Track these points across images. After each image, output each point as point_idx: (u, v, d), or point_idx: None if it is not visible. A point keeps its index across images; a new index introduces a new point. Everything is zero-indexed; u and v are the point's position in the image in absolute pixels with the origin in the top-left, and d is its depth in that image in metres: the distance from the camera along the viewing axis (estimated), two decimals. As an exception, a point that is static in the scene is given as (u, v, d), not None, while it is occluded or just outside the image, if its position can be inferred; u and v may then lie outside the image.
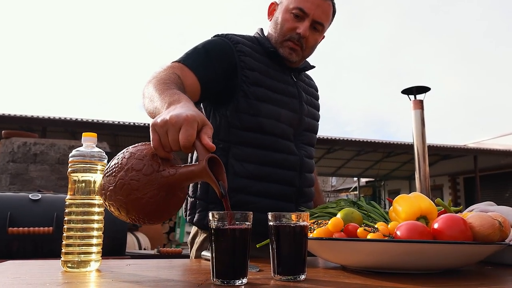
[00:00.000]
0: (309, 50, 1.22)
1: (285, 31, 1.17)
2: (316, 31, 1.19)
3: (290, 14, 1.16)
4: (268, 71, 1.17)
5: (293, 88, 1.22)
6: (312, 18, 1.15)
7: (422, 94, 4.83)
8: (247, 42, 1.19)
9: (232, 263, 0.60)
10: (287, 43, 1.18)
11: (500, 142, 13.68)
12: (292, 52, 1.18)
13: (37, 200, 2.26)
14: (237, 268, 0.60)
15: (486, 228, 0.66)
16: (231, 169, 1.07)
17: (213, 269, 0.61)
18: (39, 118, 8.59)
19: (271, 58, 1.20)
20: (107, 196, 0.68)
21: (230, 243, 0.60)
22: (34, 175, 5.36)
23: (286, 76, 1.22)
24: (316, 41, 1.22)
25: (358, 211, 0.80)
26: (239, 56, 1.13)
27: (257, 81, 1.13)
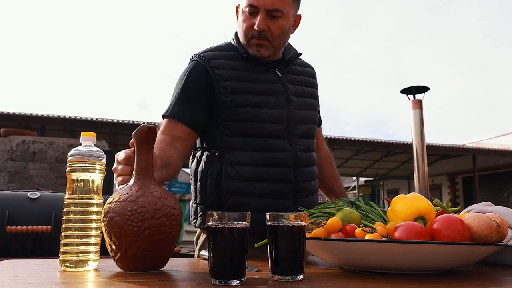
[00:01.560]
0: (278, 39, 1.19)
1: (245, 31, 1.18)
2: (276, 18, 1.15)
3: (245, 13, 1.17)
4: (247, 76, 1.19)
5: (277, 84, 1.22)
6: (264, 8, 1.13)
7: (421, 94, 4.85)
8: (220, 54, 1.22)
9: (230, 263, 0.60)
10: (251, 41, 1.18)
11: (499, 142, 13.70)
12: (260, 48, 1.17)
13: (35, 199, 2.25)
14: (234, 268, 0.60)
15: (484, 229, 0.66)
16: (224, 173, 1.12)
17: (211, 269, 0.61)
18: (38, 116, 8.58)
19: (249, 60, 1.21)
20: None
21: (227, 243, 0.60)
22: (33, 173, 5.35)
23: (269, 74, 1.23)
24: (281, 28, 1.18)
25: (356, 211, 0.81)
26: (213, 71, 1.17)
27: (234, 89, 1.16)
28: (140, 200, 0.71)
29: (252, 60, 1.21)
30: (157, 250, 0.72)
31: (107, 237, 0.71)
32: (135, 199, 0.72)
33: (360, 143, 11.29)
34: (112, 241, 0.72)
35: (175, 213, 0.73)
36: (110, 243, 0.72)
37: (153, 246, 0.70)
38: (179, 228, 0.74)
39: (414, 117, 4.55)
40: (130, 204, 0.71)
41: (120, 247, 0.70)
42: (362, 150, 12.35)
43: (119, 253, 0.71)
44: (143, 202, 0.71)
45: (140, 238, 0.69)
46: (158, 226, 0.70)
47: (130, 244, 0.69)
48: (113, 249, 0.71)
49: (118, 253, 0.71)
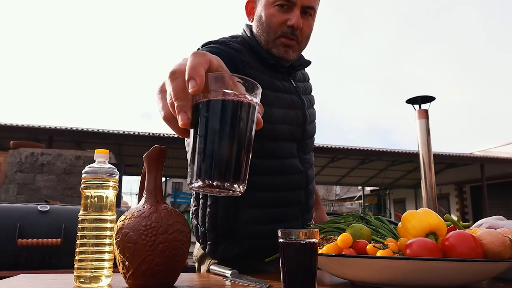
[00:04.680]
0: (305, 41, 1.08)
1: (274, 27, 1.03)
2: (309, 16, 1.05)
3: (274, 7, 1.02)
4: (273, 84, 1.05)
5: (296, 97, 1.10)
6: (300, 4, 1.02)
7: (427, 103, 4.85)
8: (244, 49, 1.05)
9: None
10: (279, 40, 1.04)
11: (507, 150, 13.57)
12: (288, 49, 1.05)
13: (45, 212, 2.28)
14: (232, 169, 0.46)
15: (497, 245, 0.66)
16: (241, 201, 1.00)
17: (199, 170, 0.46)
18: (45, 128, 8.68)
19: (267, 64, 1.06)
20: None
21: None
22: (41, 185, 5.41)
23: (287, 83, 1.10)
24: (311, 29, 1.07)
25: (366, 226, 0.81)
26: (243, 68, 1.00)
27: (264, 99, 0.99)
28: (154, 216, 0.73)
29: (273, 66, 1.07)
30: (169, 266, 0.72)
31: (120, 254, 0.72)
32: (149, 215, 0.73)
33: (365, 152, 11.25)
34: (125, 257, 0.73)
35: (186, 230, 0.74)
36: (122, 260, 0.73)
37: (166, 261, 0.71)
38: (188, 245, 0.75)
39: (420, 127, 4.56)
40: (144, 219, 0.72)
41: (133, 263, 0.71)
42: (367, 159, 12.30)
43: (131, 269, 0.72)
44: (156, 217, 0.73)
45: (153, 253, 0.70)
46: (171, 241, 0.71)
47: (143, 258, 0.70)
48: (126, 265, 0.72)
49: (130, 270, 0.72)
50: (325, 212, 1.40)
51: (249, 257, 1.03)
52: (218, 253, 1.05)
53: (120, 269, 0.75)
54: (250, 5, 1.12)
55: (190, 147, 0.46)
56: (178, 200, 13.85)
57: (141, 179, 0.81)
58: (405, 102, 4.79)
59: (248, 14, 1.14)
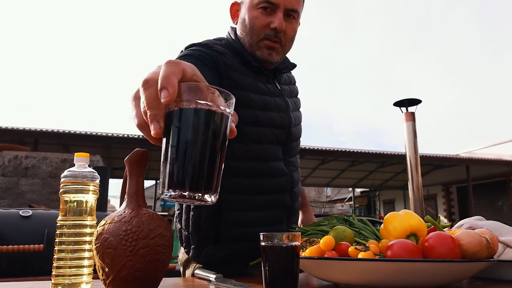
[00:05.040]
0: (289, 43, 1.08)
1: (258, 29, 1.03)
2: (292, 19, 1.05)
3: (258, 9, 1.03)
4: (257, 87, 1.05)
5: (280, 99, 1.10)
6: (283, 7, 1.02)
7: (413, 106, 4.93)
8: (229, 52, 1.04)
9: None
10: (263, 42, 1.04)
11: (492, 151, 13.85)
12: (272, 51, 1.04)
13: (27, 217, 2.23)
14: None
15: (474, 246, 0.67)
16: (224, 204, 1.00)
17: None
18: (31, 131, 8.54)
19: (251, 66, 1.06)
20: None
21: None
22: (25, 189, 5.30)
23: (271, 85, 1.10)
24: (294, 31, 1.07)
25: (349, 228, 0.81)
26: (226, 71, 1.00)
27: (248, 102, 1.01)
28: (135, 221, 0.72)
29: (257, 69, 1.07)
30: (150, 271, 0.71)
31: (99, 260, 0.71)
32: (129, 219, 0.72)
33: (355, 154, 11.35)
34: (104, 263, 0.71)
35: (168, 234, 0.73)
36: (102, 266, 0.71)
37: (147, 267, 0.70)
38: (170, 250, 0.74)
39: (407, 129, 4.63)
40: (124, 224, 0.71)
41: (113, 269, 0.70)
42: (357, 161, 12.41)
43: (112, 275, 0.71)
44: (137, 222, 0.72)
45: (134, 258, 0.69)
46: (152, 246, 0.70)
47: (123, 264, 0.69)
48: (106, 271, 0.71)
49: (111, 276, 0.71)
50: (316, 213, 1.40)
51: (234, 261, 1.03)
52: (201, 256, 1.04)
53: (100, 276, 0.73)
54: (234, 7, 1.13)
55: (162, 156, 0.46)
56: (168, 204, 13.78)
57: (123, 183, 0.80)
58: (392, 105, 4.86)
59: (233, 16, 1.14)
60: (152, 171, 11.00)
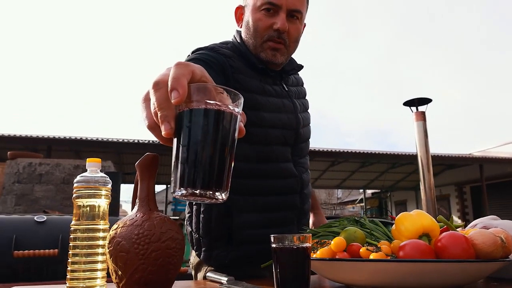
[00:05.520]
0: (294, 44, 1.08)
1: (261, 31, 1.04)
2: (296, 19, 1.05)
3: (261, 11, 1.03)
4: (264, 88, 1.05)
5: (287, 101, 1.11)
6: (286, 8, 1.02)
7: (424, 105, 4.88)
8: (235, 55, 1.05)
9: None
10: (267, 44, 1.05)
11: (506, 150, 13.58)
12: (276, 52, 1.05)
13: (42, 222, 2.27)
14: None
15: (488, 245, 0.66)
16: (234, 206, 1.00)
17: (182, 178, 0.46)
18: (44, 138, 8.68)
19: (257, 69, 1.07)
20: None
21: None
22: (40, 196, 5.39)
23: (278, 87, 1.10)
24: (298, 32, 1.08)
25: (360, 229, 0.81)
26: (233, 74, 1.01)
27: (253, 104, 1.02)
28: (146, 224, 0.72)
29: (263, 71, 1.07)
30: (162, 274, 0.72)
31: (112, 263, 0.72)
32: (141, 223, 0.73)
33: (365, 155, 11.26)
34: (118, 267, 0.72)
35: (179, 237, 0.74)
36: (115, 269, 0.72)
37: (159, 270, 0.71)
38: (182, 253, 0.75)
39: (417, 129, 4.57)
40: (136, 228, 0.72)
41: (126, 272, 0.71)
42: (367, 162, 12.30)
43: (124, 278, 0.71)
44: (149, 226, 0.72)
45: (146, 261, 0.70)
46: (164, 249, 0.71)
47: (136, 267, 0.70)
48: (119, 275, 0.72)
49: (124, 279, 0.71)
50: (327, 216, 1.40)
51: (245, 263, 1.03)
52: (212, 259, 1.05)
53: (113, 279, 0.74)
54: (239, 11, 1.14)
55: (173, 156, 0.47)
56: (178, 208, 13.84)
57: (134, 187, 0.81)
58: (402, 104, 4.81)
59: (238, 20, 1.15)
60: (163, 176, 11.06)
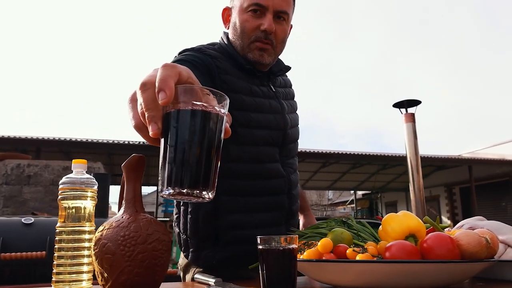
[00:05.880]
0: (281, 45, 1.09)
1: (248, 32, 1.05)
2: (282, 21, 1.06)
3: (248, 12, 1.04)
4: (251, 89, 1.06)
5: (275, 101, 1.11)
6: (273, 9, 1.03)
7: (413, 107, 4.93)
8: (221, 56, 1.06)
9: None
10: (254, 45, 1.05)
11: (494, 151, 13.79)
12: (263, 52, 1.06)
13: (30, 224, 2.23)
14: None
15: (473, 246, 0.66)
16: (221, 206, 1.01)
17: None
18: (33, 139, 8.57)
19: (244, 69, 1.07)
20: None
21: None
22: (28, 197, 5.31)
23: (265, 88, 1.11)
24: (285, 33, 1.09)
25: (348, 230, 0.81)
26: (219, 75, 1.01)
27: (240, 104, 1.02)
28: (133, 226, 0.72)
29: (250, 71, 1.08)
30: (149, 276, 0.71)
31: (98, 265, 0.71)
32: (127, 225, 0.72)
33: (356, 156, 11.33)
34: (103, 268, 0.71)
35: (166, 239, 0.73)
36: (101, 271, 0.72)
37: (145, 271, 0.70)
38: (169, 254, 0.74)
39: (407, 131, 4.62)
40: (122, 229, 0.71)
41: (112, 274, 0.70)
42: (358, 163, 12.38)
43: (110, 280, 0.71)
44: (135, 227, 0.72)
45: (133, 263, 0.69)
46: (150, 250, 0.71)
47: (122, 269, 0.69)
48: (105, 277, 0.71)
49: (110, 281, 0.71)
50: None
51: (234, 264, 1.03)
52: (200, 260, 1.04)
53: (99, 281, 0.73)
54: (226, 12, 1.15)
55: (160, 157, 0.47)
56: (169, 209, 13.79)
57: (120, 189, 0.80)
58: (392, 106, 4.86)
59: (225, 21, 1.16)
60: (153, 177, 11.00)
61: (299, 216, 1.30)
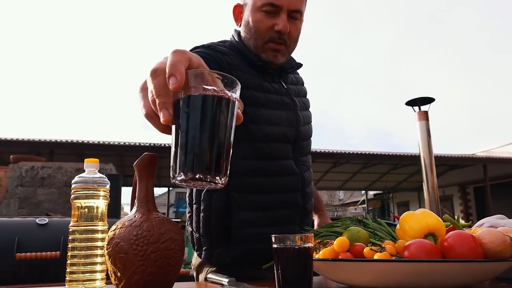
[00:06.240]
0: (294, 44, 1.09)
1: (262, 32, 1.04)
2: (295, 19, 1.05)
3: (261, 12, 1.03)
4: (261, 85, 1.05)
5: (287, 98, 1.10)
6: (287, 8, 1.02)
7: (426, 105, 4.85)
8: (232, 52, 1.06)
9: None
10: (268, 45, 1.05)
11: (510, 150, 13.49)
12: (277, 53, 1.05)
13: (44, 225, 2.26)
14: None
15: (497, 245, 0.64)
16: (234, 204, 1.00)
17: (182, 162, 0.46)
18: (46, 142, 8.71)
19: (260, 68, 1.07)
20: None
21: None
22: (42, 199, 5.40)
23: (277, 85, 1.10)
24: (299, 31, 1.08)
25: (364, 229, 0.79)
26: (230, 70, 1.00)
27: (251, 100, 1.01)
28: (145, 225, 0.71)
29: (262, 68, 1.08)
30: (162, 275, 0.71)
31: (111, 264, 0.71)
32: (140, 224, 0.71)
33: (367, 156, 11.22)
34: (116, 268, 0.71)
35: (179, 238, 0.73)
36: (114, 271, 0.71)
37: (158, 271, 0.70)
38: (182, 254, 0.73)
39: (420, 129, 4.54)
40: (135, 229, 0.71)
41: (125, 274, 0.70)
42: (369, 163, 12.26)
43: (124, 280, 0.70)
44: (148, 226, 0.71)
45: (145, 263, 0.69)
46: (163, 250, 0.70)
47: (135, 269, 0.69)
48: (118, 276, 0.71)
49: (123, 280, 0.70)
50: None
51: (247, 263, 1.01)
52: (213, 258, 1.03)
53: (113, 280, 0.73)
54: (237, 10, 1.13)
55: (172, 143, 0.46)
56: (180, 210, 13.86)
57: (133, 188, 0.80)
58: (405, 104, 4.79)
59: (236, 19, 1.14)
60: (164, 178, 11.06)
61: (313, 216, 1.28)
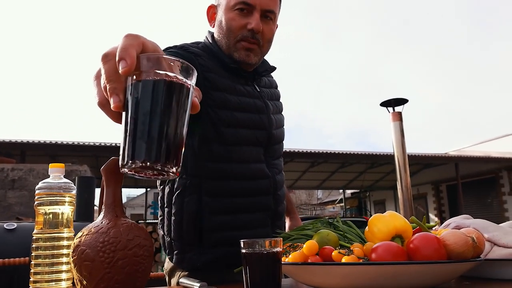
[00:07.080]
0: (267, 44, 1.08)
1: (234, 31, 1.03)
2: (269, 20, 1.05)
3: (234, 11, 1.02)
4: (235, 88, 1.04)
5: (259, 101, 1.09)
6: (260, 8, 1.01)
7: (400, 106, 4.98)
8: (205, 54, 1.04)
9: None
10: (240, 44, 1.03)
11: (480, 149, 14.03)
12: (249, 52, 1.04)
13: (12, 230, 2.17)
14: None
15: (460, 246, 0.66)
16: (205, 207, 0.99)
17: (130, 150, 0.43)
18: (17, 143, 8.40)
19: (229, 68, 1.06)
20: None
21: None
22: (13, 202, 5.19)
23: (250, 87, 1.09)
24: (272, 32, 1.07)
25: (334, 231, 0.80)
26: (202, 72, 0.98)
27: (224, 103, 1.00)
28: (112, 231, 0.69)
29: (235, 70, 1.06)
30: (130, 283, 0.69)
31: (77, 272, 0.69)
32: (107, 230, 0.69)
33: (344, 156, 11.40)
34: (82, 276, 0.69)
35: (147, 244, 0.71)
36: (80, 279, 0.69)
37: (126, 278, 0.68)
38: (151, 260, 0.72)
39: (394, 129, 4.66)
40: (101, 235, 0.69)
41: (91, 282, 0.68)
42: (346, 162, 12.47)
43: None
44: (115, 233, 0.69)
45: (113, 270, 0.67)
46: (131, 256, 0.68)
47: (102, 276, 0.67)
48: (84, 285, 0.68)
49: None
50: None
51: (220, 267, 1.01)
52: (185, 262, 1.02)
53: None
54: (211, 10, 1.12)
55: (122, 130, 0.44)
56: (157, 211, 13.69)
57: (100, 193, 0.78)
58: (379, 105, 4.89)
59: (210, 19, 1.13)
60: (141, 180, 10.88)
61: (285, 218, 1.28)
